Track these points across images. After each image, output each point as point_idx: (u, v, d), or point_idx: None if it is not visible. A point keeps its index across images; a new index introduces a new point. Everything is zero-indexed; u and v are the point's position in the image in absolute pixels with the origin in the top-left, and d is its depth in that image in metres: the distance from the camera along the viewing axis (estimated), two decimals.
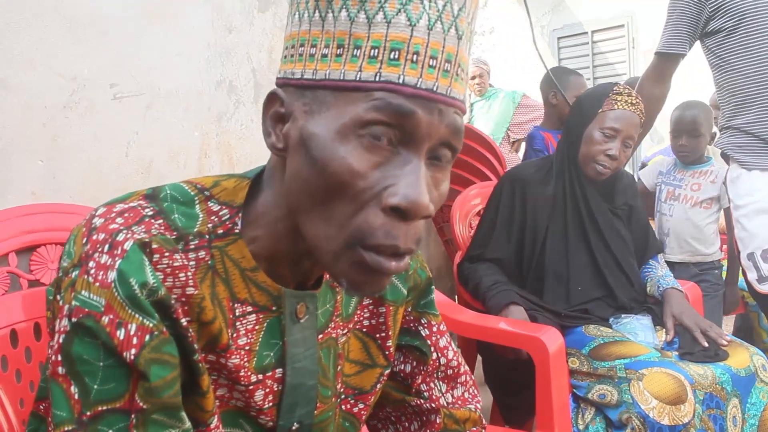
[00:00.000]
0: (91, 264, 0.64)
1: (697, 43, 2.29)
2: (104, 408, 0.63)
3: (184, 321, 0.66)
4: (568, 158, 2.06)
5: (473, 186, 2.57)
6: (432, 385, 0.97)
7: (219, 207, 0.73)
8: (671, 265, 2.67)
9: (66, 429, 0.63)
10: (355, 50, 0.63)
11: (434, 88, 0.64)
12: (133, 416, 0.63)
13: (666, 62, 2.34)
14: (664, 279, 2.10)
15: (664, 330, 1.92)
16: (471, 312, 1.88)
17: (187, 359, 0.68)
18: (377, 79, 0.63)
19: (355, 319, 0.88)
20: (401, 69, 0.63)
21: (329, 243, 0.67)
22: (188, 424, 0.67)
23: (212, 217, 0.72)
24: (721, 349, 1.78)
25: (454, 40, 0.65)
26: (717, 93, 2.31)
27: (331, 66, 0.64)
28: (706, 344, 1.80)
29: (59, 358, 0.64)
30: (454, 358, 0.97)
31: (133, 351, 0.62)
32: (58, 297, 0.66)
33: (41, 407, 0.76)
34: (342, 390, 0.88)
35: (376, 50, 0.63)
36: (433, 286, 0.98)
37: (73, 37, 1.50)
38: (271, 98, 0.70)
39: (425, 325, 0.95)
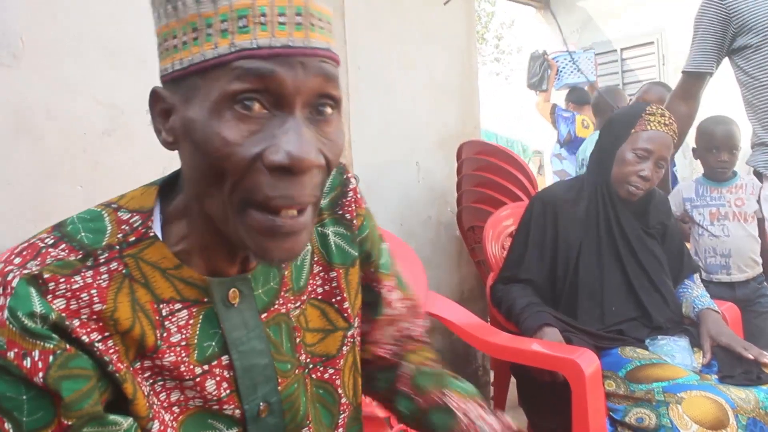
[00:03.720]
0: None
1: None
2: None
3: (85, 338, 0.67)
4: (600, 178, 2.05)
5: (505, 207, 2.56)
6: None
7: (129, 215, 0.74)
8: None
9: None
10: (208, 29, 0.65)
11: (289, 44, 0.65)
12: None
13: (693, 81, 2.33)
14: (699, 299, 2.07)
15: (702, 352, 1.89)
16: (505, 334, 1.86)
17: (105, 372, 0.69)
18: (232, 50, 0.64)
19: (309, 289, 0.90)
20: (252, 34, 0.64)
21: (224, 212, 0.69)
22: (128, 420, 0.70)
23: (123, 227, 0.73)
24: (763, 372, 1.74)
25: None
26: (746, 110, 2.28)
27: (192, 51, 0.66)
28: (751, 357, 1.76)
29: None
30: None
31: (40, 374, 0.64)
32: None
33: None
34: (308, 360, 0.89)
35: (226, 23, 0.64)
36: (385, 245, 1.02)
37: (113, 65, 1.53)
38: (154, 97, 0.72)
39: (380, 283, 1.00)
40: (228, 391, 0.79)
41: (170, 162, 1.63)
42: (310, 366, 0.90)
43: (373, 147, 2.56)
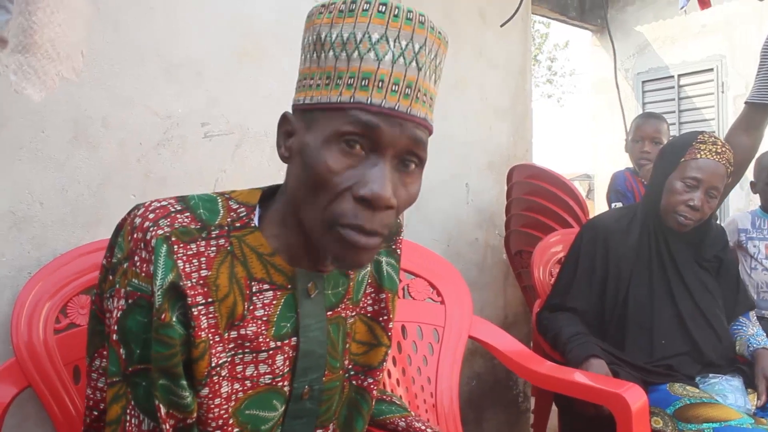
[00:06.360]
0: (136, 258, 0.83)
1: None
2: (142, 367, 0.83)
3: (190, 299, 0.83)
4: (651, 208, 2.00)
5: (554, 233, 2.51)
6: None
7: (237, 206, 0.92)
8: None
9: (114, 380, 0.85)
10: (338, 80, 0.83)
11: (395, 107, 0.82)
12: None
13: (756, 112, 2.25)
14: (755, 338, 1.99)
15: (757, 393, 1.82)
16: (550, 363, 1.82)
17: (188, 337, 0.84)
18: (351, 100, 0.82)
19: (361, 305, 1.06)
20: (369, 93, 0.81)
21: (315, 223, 0.85)
22: (192, 395, 0.85)
23: (231, 213, 0.91)
24: None
25: (414, 71, 0.84)
26: None
27: (321, 93, 0.84)
28: None
29: (115, 328, 0.83)
30: None
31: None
32: (116, 280, 0.85)
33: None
34: (351, 367, 1.06)
35: (352, 79, 0.82)
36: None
37: (169, 77, 1.56)
38: (283, 119, 0.91)
39: None
40: (287, 369, 0.94)
41: (220, 175, 1.66)
42: (352, 372, 1.07)
43: None
